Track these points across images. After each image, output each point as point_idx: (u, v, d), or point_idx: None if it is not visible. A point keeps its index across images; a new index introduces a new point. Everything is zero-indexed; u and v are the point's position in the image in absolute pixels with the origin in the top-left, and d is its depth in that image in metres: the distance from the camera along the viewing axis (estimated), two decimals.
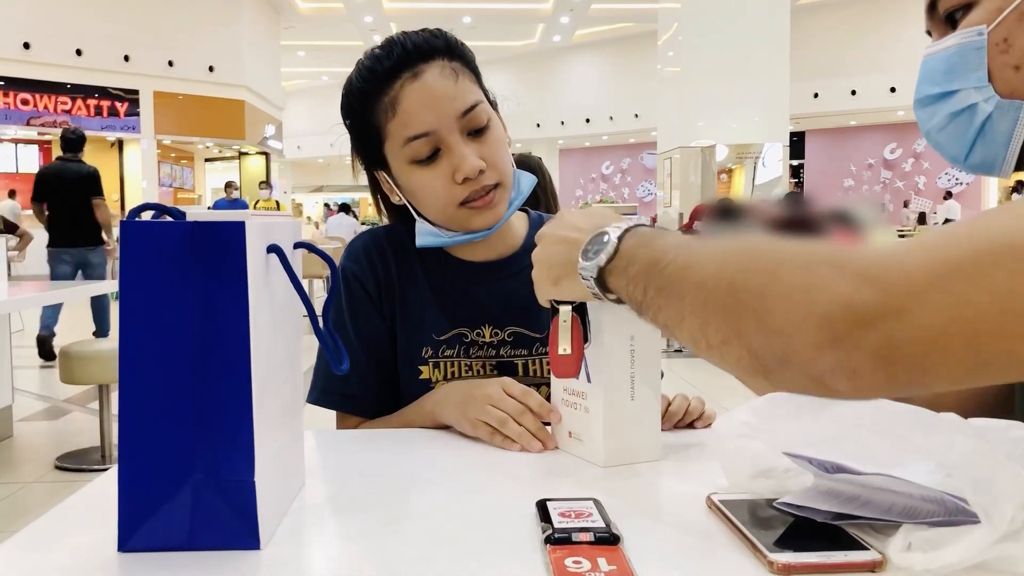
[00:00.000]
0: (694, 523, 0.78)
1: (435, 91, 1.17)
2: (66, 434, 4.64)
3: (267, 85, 20.81)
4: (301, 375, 0.89)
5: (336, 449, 1.10)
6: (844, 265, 0.60)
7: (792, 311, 0.60)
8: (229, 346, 0.68)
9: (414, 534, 0.76)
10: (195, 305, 0.68)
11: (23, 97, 16.75)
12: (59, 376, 3.91)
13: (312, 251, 0.82)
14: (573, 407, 1.02)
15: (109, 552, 0.70)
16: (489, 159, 1.19)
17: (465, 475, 0.97)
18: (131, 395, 0.68)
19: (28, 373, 6.09)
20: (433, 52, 1.19)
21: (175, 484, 0.69)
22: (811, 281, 0.60)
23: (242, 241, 0.68)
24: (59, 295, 4.49)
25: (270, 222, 0.75)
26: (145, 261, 0.68)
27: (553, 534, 0.70)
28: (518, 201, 1.27)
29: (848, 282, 0.59)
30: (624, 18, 21.90)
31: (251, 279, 0.69)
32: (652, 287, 0.73)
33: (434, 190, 1.20)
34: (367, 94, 1.20)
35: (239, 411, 0.69)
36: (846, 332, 0.58)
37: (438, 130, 1.17)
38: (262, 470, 0.71)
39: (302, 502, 0.85)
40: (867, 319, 0.57)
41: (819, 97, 20.99)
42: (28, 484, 3.78)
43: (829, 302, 0.59)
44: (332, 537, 0.79)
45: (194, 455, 0.69)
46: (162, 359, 0.68)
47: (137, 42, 17.44)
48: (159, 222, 0.69)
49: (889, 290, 0.57)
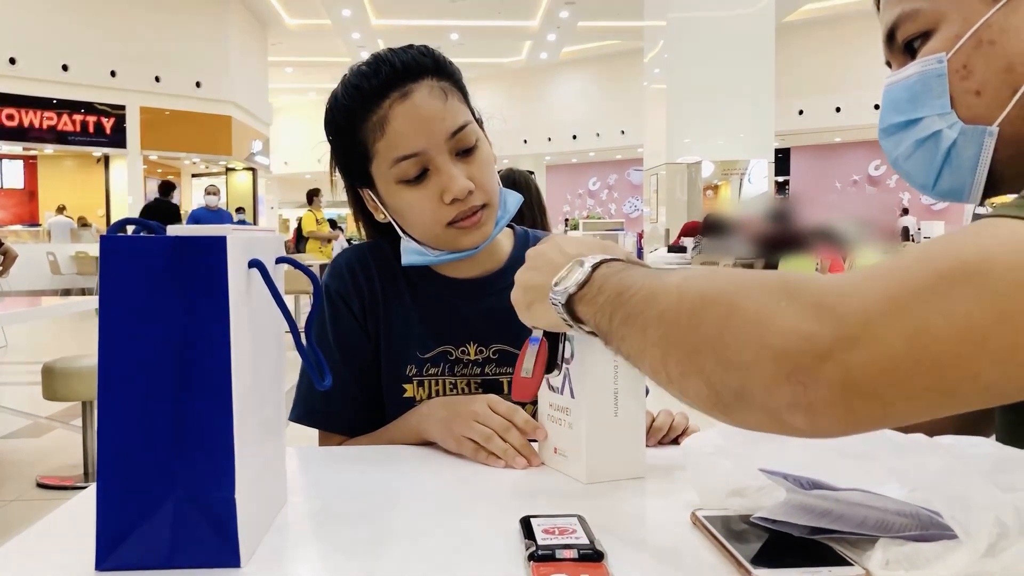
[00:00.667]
0: (678, 539, 0.77)
1: (424, 112, 1.16)
2: (48, 451, 4.59)
3: (254, 101, 20.80)
4: (283, 391, 0.89)
5: (318, 466, 1.09)
6: (799, 296, 0.59)
7: (748, 345, 0.59)
8: (210, 361, 0.68)
9: (397, 552, 0.76)
10: (176, 320, 0.67)
11: (8, 112, 16.68)
12: (42, 393, 3.88)
13: (295, 266, 0.82)
14: (558, 423, 1.02)
15: (87, 571, 0.69)
16: (477, 179, 1.19)
17: (449, 492, 0.96)
18: (110, 411, 0.68)
19: (11, 390, 6.03)
20: (422, 71, 1.18)
21: (155, 501, 0.68)
22: (766, 313, 0.59)
23: (223, 256, 0.67)
24: (42, 311, 4.46)
25: (252, 236, 0.75)
26: (125, 276, 0.67)
27: (537, 551, 0.69)
28: (504, 220, 1.27)
29: (802, 313, 0.57)
30: (611, 35, 22.03)
31: (232, 294, 0.68)
32: (617, 316, 0.72)
33: (421, 210, 1.19)
34: (354, 112, 1.19)
35: (220, 427, 0.68)
36: (802, 365, 0.56)
37: (427, 151, 1.16)
38: (243, 487, 0.70)
39: (284, 519, 0.84)
40: (822, 351, 0.56)
41: (804, 114, 21.17)
42: (9, 502, 3.73)
43: (784, 334, 0.57)
44: (314, 555, 0.78)
45: (174, 472, 0.68)
46: (142, 374, 0.67)
47: (124, 57, 17.42)
48: (140, 236, 0.69)
49: (844, 319, 0.56)
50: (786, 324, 0.58)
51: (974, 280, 0.55)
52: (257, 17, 20.66)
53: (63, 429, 4.99)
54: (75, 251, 15.62)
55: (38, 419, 5.17)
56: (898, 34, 0.85)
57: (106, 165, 19.60)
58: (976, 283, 0.55)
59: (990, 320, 0.54)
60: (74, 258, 15.50)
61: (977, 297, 0.54)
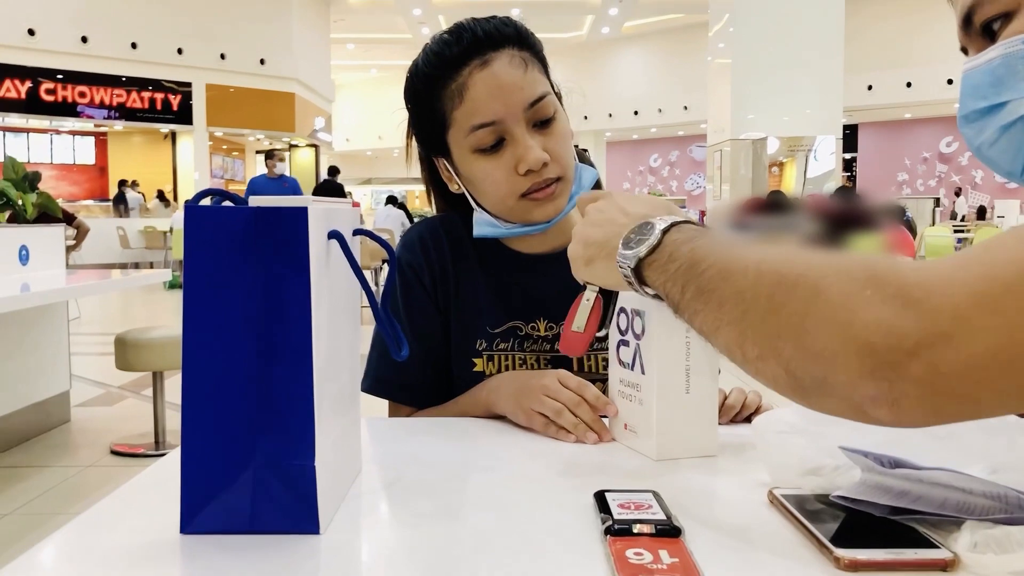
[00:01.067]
0: (753, 517, 0.76)
1: (503, 80, 1.15)
2: (121, 420, 4.73)
3: (317, 78, 21.01)
4: (359, 362, 0.90)
5: (391, 437, 1.10)
6: (885, 286, 0.56)
7: (832, 336, 0.57)
8: (291, 331, 0.68)
9: (471, 521, 0.76)
10: (257, 290, 0.68)
11: (80, 90, 17.10)
12: (115, 363, 3.99)
13: (371, 238, 0.82)
14: (628, 399, 1.01)
15: (171, 534, 0.71)
16: (553, 152, 1.18)
17: (521, 464, 0.96)
18: (194, 379, 0.69)
19: (85, 360, 6.22)
20: (503, 40, 1.17)
21: (237, 468, 0.70)
22: (851, 303, 0.57)
23: (305, 226, 0.68)
24: (113, 283, 4.58)
25: (331, 208, 0.75)
26: (209, 245, 0.68)
27: (613, 525, 0.69)
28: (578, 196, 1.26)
29: (889, 306, 0.55)
30: (674, 9, 21.70)
31: (313, 265, 0.69)
32: (691, 288, 0.70)
33: (495, 180, 1.19)
34: (434, 79, 1.19)
35: (300, 396, 0.69)
36: (888, 361, 0.55)
37: (504, 120, 1.16)
38: (322, 455, 0.71)
39: (359, 488, 0.85)
40: (910, 347, 0.54)
41: (873, 89, 20.62)
42: (85, 468, 3.86)
43: (869, 328, 0.55)
44: (389, 523, 0.79)
45: (255, 439, 0.69)
46: (225, 343, 0.68)
47: (190, 35, 17.73)
48: (223, 207, 0.70)
49: (933, 315, 0.54)
50: (871, 316, 0.56)
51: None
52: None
53: (134, 399, 5.14)
54: (144, 226, 16.01)
55: (111, 388, 5.34)
56: (976, 17, 0.81)
57: (173, 141, 20.01)
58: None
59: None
60: (143, 232, 15.88)
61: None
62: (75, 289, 4.38)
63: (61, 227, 4.78)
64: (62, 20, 16.18)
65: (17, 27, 15.74)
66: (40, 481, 3.65)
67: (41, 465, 3.89)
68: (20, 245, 4.22)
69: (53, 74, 16.60)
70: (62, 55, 16.45)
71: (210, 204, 0.72)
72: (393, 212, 12.38)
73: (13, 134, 20.19)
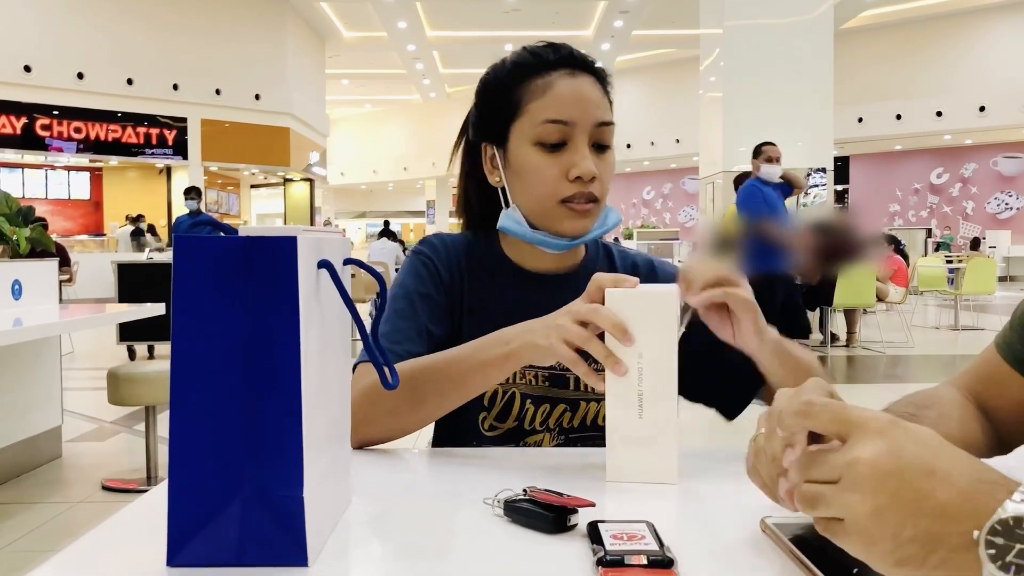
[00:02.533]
0: (749, 547, 0.76)
1: (586, 92, 1.25)
2: (113, 455, 4.70)
3: (312, 112, 21.15)
4: (349, 392, 0.89)
5: (381, 467, 1.09)
6: None
7: None
8: (280, 361, 0.68)
9: (462, 554, 0.75)
10: (246, 319, 0.68)
11: (75, 126, 17.18)
12: (107, 397, 3.97)
13: (363, 267, 0.82)
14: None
15: (158, 567, 0.70)
16: (601, 174, 1.25)
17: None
18: (182, 409, 0.68)
19: (77, 395, 6.19)
20: (590, 69, 1.29)
21: (224, 500, 0.69)
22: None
23: (294, 255, 0.68)
24: (106, 317, 4.57)
25: (321, 238, 0.75)
26: (197, 275, 0.68)
27: (605, 556, 0.68)
28: (601, 231, 1.30)
29: None
30: (665, 44, 21.94)
31: (302, 294, 0.68)
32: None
33: (544, 177, 1.24)
34: (525, 69, 1.27)
35: (289, 427, 0.68)
36: None
37: (575, 124, 1.23)
38: (311, 486, 0.70)
39: (347, 520, 0.84)
40: None
41: (864, 121, 20.81)
42: (75, 504, 3.82)
43: None
44: (379, 556, 0.78)
45: (244, 470, 0.69)
46: (213, 372, 0.68)
47: (186, 71, 17.87)
48: (211, 236, 0.69)
49: None
50: None
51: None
52: (315, 30, 21.01)
53: (127, 433, 5.11)
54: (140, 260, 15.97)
55: (103, 423, 5.30)
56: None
57: (168, 176, 20.08)
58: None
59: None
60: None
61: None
62: (68, 323, 4.36)
63: (54, 262, 4.77)
64: (58, 56, 16.29)
65: (14, 63, 15.85)
66: (29, 518, 3.61)
67: (31, 501, 3.86)
68: (13, 280, 4.21)
69: (49, 110, 16.69)
70: (58, 91, 16.54)
71: (201, 235, 0.72)
72: (388, 245, 12.24)
73: (8, 169, 20.23)
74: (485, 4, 18.30)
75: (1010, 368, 1.05)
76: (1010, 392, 1.05)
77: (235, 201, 24.93)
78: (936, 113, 20.09)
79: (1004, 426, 1.05)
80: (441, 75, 24.24)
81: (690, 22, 14.07)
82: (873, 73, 20.51)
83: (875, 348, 9.14)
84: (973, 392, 1.08)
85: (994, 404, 1.06)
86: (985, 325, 11.30)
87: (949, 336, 10.53)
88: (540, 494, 0.81)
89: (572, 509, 0.79)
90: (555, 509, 0.79)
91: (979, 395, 1.07)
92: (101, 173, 21.78)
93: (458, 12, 18.93)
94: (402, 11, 18.44)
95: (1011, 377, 1.05)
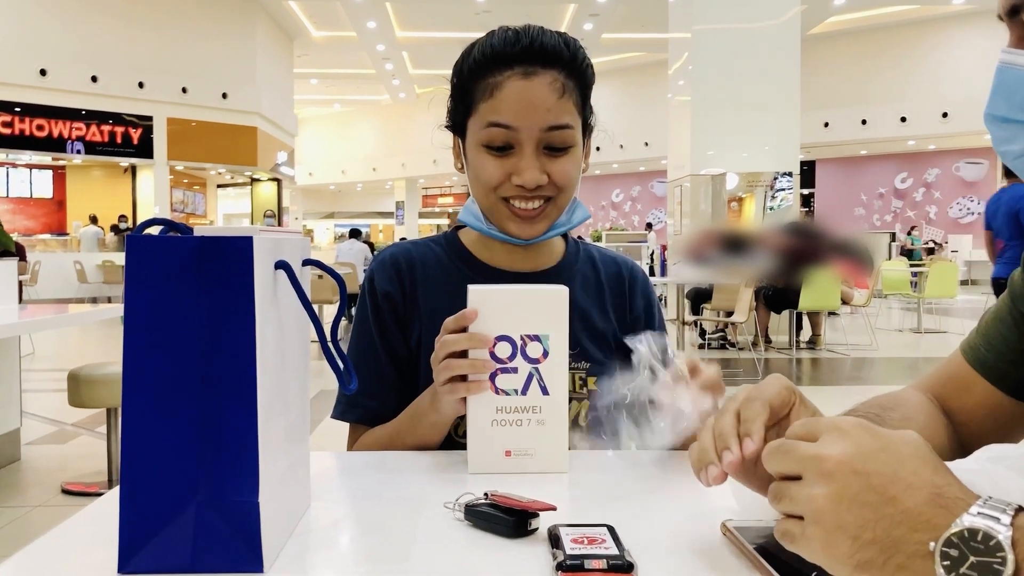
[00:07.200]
0: (709, 550, 0.75)
1: (533, 97, 1.20)
2: (73, 458, 4.62)
3: (280, 112, 20.98)
4: (308, 395, 0.88)
5: (342, 471, 1.08)
6: None
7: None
8: (235, 364, 0.67)
9: (421, 559, 0.74)
10: (201, 321, 0.67)
11: (38, 123, 16.91)
12: (68, 399, 3.91)
13: (322, 269, 0.81)
14: (518, 424, 1.04)
15: (110, 573, 0.68)
16: (553, 174, 1.23)
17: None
18: (135, 412, 0.67)
19: (37, 396, 6.08)
20: (555, 60, 1.22)
21: (178, 504, 0.67)
22: None
23: (250, 256, 0.67)
24: (68, 318, 4.49)
25: (278, 238, 0.74)
26: (151, 276, 0.67)
27: (565, 561, 0.68)
28: (563, 228, 1.31)
29: None
30: (634, 48, 22.04)
31: (258, 295, 0.67)
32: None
33: (488, 176, 1.24)
34: (477, 68, 1.24)
35: (244, 431, 0.67)
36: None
37: (520, 129, 1.21)
38: (267, 491, 0.69)
39: (306, 525, 0.83)
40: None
41: (830, 126, 21.06)
42: (34, 508, 3.75)
43: None
44: (338, 560, 0.77)
45: (198, 475, 0.67)
46: (167, 375, 0.67)
47: (152, 69, 17.64)
48: (166, 236, 0.68)
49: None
50: None
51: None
52: (283, 29, 20.85)
53: (88, 436, 5.02)
54: (102, 260, 15.79)
55: (64, 426, 5.21)
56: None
57: (133, 175, 19.83)
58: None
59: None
60: (100, 267, 15.66)
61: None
62: (27, 324, 4.28)
63: (14, 261, 4.69)
64: (21, 53, 16.03)
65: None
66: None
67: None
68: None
69: (11, 107, 16.41)
70: (21, 88, 16.28)
71: (155, 234, 0.70)
72: (356, 246, 12.20)
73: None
74: (455, 5, 18.26)
75: (975, 372, 1.06)
76: (973, 396, 1.06)
77: (201, 201, 24.67)
78: (900, 119, 20.36)
79: (965, 428, 1.06)
80: (411, 76, 24.16)
81: (659, 26, 14.14)
82: (839, 79, 20.74)
83: (840, 351, 9.24)
84: (938, 395, 1.09)
85: (956, 406, 1.07)
86: (947, 328, 11.46)
87: (912, 339, 10.67)
88: (501, 498, 0.81)
89: (533, 513, 0.79)
90: (516, 513, 0.79)
91: (943, 398, 1.08)
92: (64, 172, 21.47)
93: (428, 13, 18.88)
94: (372, 11, 18.36)
95: (975, 381, 1.06)
